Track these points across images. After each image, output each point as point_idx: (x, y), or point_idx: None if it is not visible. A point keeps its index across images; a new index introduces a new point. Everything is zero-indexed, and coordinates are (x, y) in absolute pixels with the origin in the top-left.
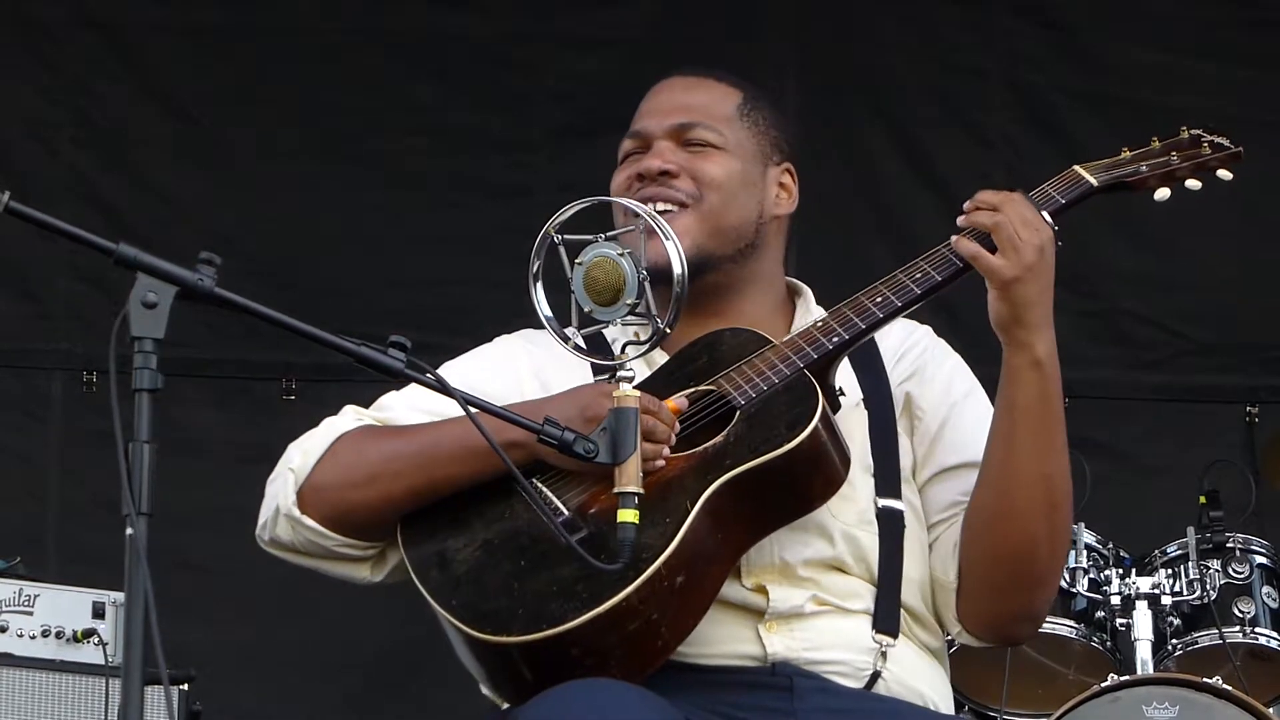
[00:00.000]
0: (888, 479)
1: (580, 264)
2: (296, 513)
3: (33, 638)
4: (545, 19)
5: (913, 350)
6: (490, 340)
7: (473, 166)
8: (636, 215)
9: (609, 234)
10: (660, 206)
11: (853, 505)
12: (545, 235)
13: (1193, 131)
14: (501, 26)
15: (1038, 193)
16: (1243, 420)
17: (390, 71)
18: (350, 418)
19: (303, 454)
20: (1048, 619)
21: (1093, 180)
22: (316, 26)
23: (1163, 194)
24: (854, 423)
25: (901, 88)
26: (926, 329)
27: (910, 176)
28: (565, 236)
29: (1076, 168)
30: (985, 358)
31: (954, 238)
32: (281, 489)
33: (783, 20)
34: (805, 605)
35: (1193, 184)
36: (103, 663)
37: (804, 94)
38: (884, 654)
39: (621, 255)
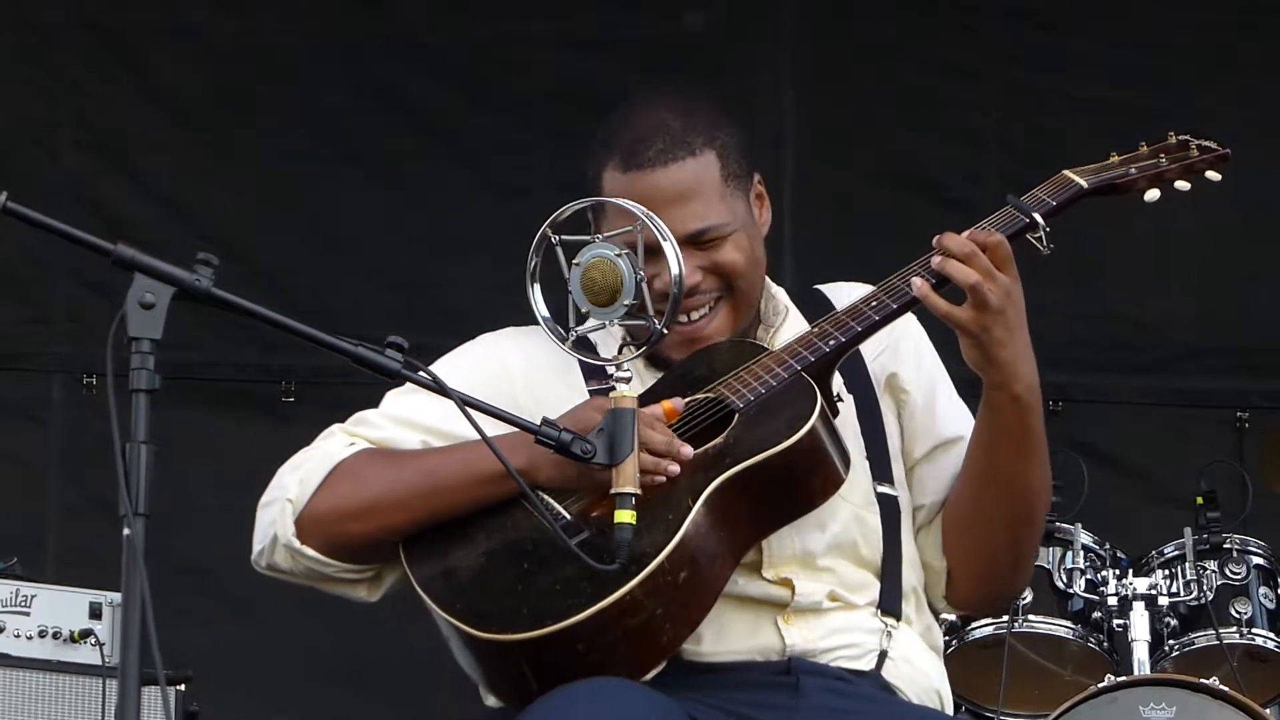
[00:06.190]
0: (880, 464)
1: (578, 265)
2: (296, 543)
3: (29, 638)
4: (545, 19)
5: None
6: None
7: (473, 167)
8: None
9: (606, 234)
10: (695, 315)
11: (857, 487)
12: (542, 236)
13: (1180, 136)
14: (502, 26)
15: (1029, 196)
16: (1233, 424)
17: (390, 71)
18: (341, 441)
19: (299, 483)
20: (1045, 619)
21: (1082, 183)
22: (316, 27)
23: (1152, 195)
24: (842, 411)
25: (897, 89)
26: None
27: (905, 177)
28: (562, 237)
29: (1066, 172)
30: None
31: (919, 284)
32: (279, 518)
33: (781, 21)
34: (823, 601)
35: (1182, 185)
36: (99, 663)
37: (801, 95)
38: (889, 634)
39: (619, 256)
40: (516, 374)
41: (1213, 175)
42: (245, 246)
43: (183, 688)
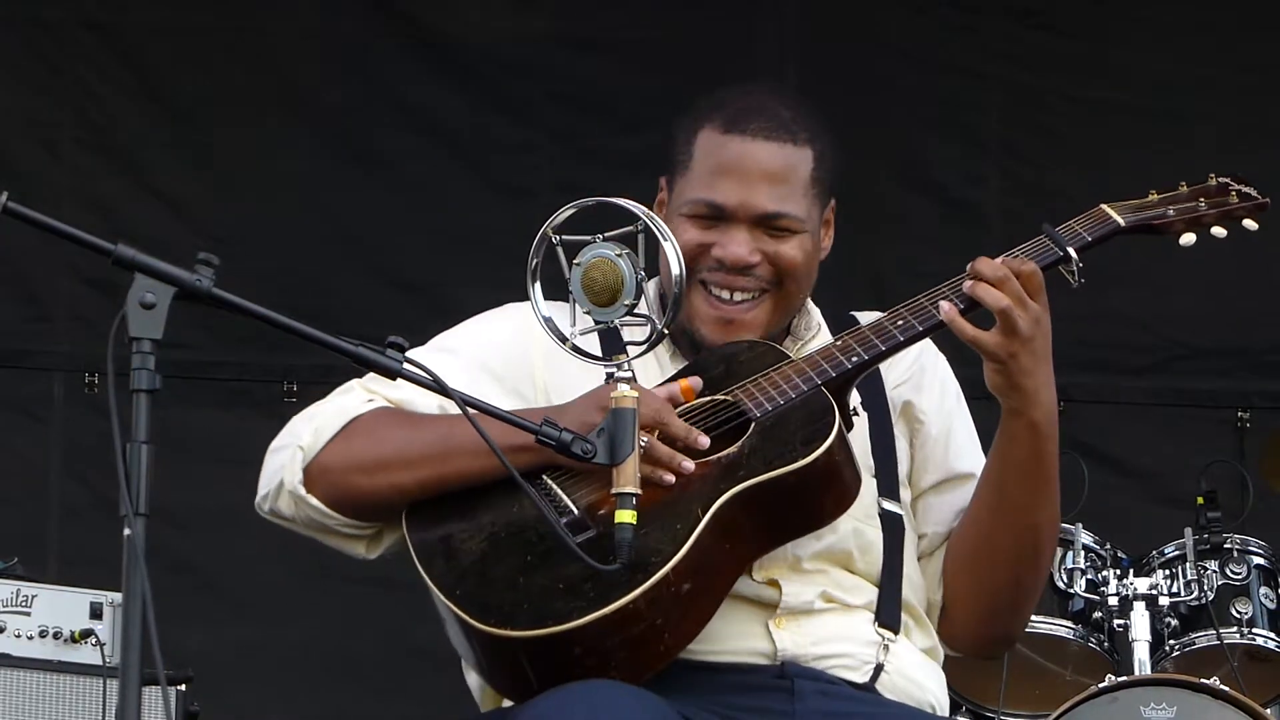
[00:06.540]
0: (888, 481)
1: (578, 265)
2: (302, 491)
3: (30, 638)
4: (545, 19)
5: (907, 354)
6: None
7: (473, 166)
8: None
9: (607, 234)
10: (738, 296)
11: (859, 502)
12: (543, 236)
13: (1220, 179)
14: (502, 26)
15: (1064, 228)
16: (1234, 424)
17: (390, 71)
18: (359, 396)
19: (314, 432)
20: (1045, 619)
21: (1120, 220)
22: (316, 26)
23: (1188, 239)
24: (855, 424)
25: (897, 89)
26: None
27: (906, 179)
28: (563, 237)
29: (1104, 206)
30: None
31: (947, 309)
32: (289, 464)
33: (781, 21)
34: (815, 602)
35: (1218, 231)
36: (100, 663)
37: (801, 94)
38: (886, 647)
39: (620, 256)
40: (537, 350)
41: (1250, 224)
42: (245, 247)
43: (183, 688)
